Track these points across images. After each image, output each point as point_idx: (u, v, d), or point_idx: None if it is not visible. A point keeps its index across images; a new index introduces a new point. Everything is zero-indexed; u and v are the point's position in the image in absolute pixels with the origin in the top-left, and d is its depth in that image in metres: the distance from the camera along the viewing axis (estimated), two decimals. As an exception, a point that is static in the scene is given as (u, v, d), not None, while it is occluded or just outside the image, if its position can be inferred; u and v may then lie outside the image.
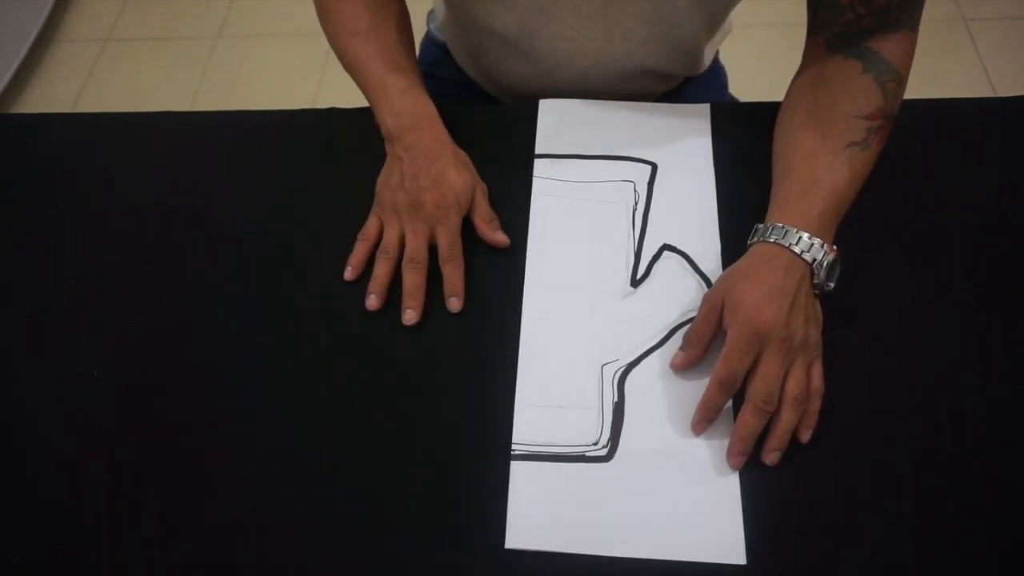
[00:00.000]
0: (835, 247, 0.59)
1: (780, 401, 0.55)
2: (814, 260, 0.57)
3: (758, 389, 0.55)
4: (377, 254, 0.65)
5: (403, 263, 0.64)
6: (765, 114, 0.70)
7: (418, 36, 0.95)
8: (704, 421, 0.57)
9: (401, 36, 0.74)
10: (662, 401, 0.58)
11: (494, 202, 0.69)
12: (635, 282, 0.64)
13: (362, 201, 0.70)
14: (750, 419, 0.54)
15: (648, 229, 0.67)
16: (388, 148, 0.70)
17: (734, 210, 0.67)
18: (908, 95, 0.66)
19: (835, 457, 0.56)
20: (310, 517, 0.55)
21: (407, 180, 0.66)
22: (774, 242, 0.58)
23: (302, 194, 0.71)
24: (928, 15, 0.65)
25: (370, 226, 0.67)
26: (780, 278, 0.56)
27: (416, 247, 0.64)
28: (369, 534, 0.54)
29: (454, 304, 0.63)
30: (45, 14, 1.94)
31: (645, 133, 0.72)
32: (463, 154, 0.69)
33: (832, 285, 0.59)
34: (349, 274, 0.65)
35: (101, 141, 0.78)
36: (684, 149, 0.71)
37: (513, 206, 0.69)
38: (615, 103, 0.75)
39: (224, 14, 2.02)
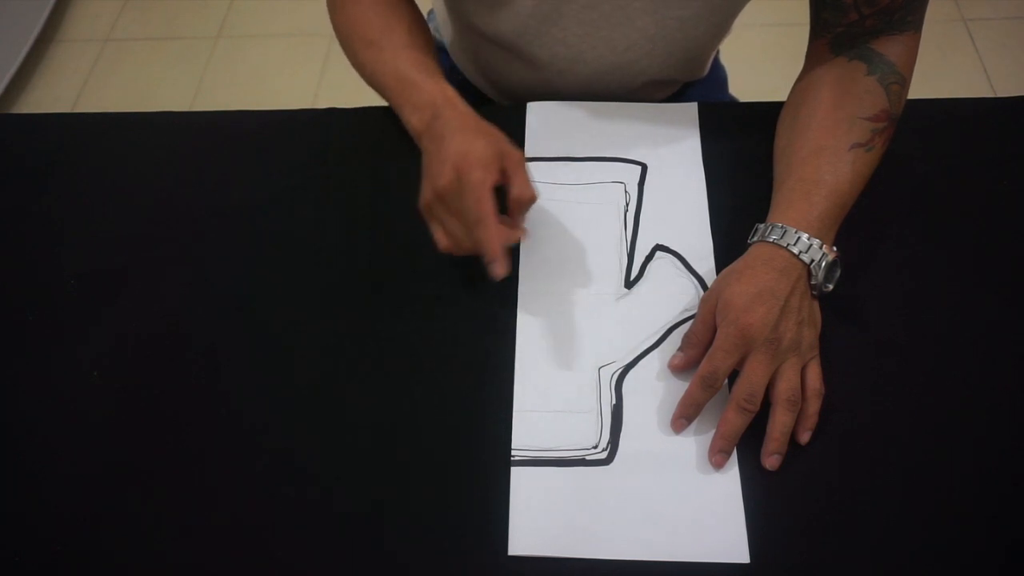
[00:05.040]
0: (835, 248, 0.59)
1: (773, 403, 0.55)
2: (812, 261, 0.57)
3: (741, 388, 0.55)
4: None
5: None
6: (752, 112, 0.70)
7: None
8: (683, 418, 0.57)
9: (414, 38, 0.72)
10: (661, 402, 0.58)
11: None
12: (629, 283, 0.64)
13: (361, 201, 0.70)
14: (732, 417, 0.55)
15: (640, 229, 0.67)
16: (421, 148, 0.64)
17: (725, 208, 0.67)
18: (908, 95, 0.66)
19: (836, 456, 0.56)
20: (311, 525, 0.55)
21: (432, 175, 0.59)
22: (773, 242, 0.58)
23: (302, 194, 0.71)
24: (928, 15, 0.65)
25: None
26: (774, 280, 0.56)
27: (454, 240, 0.59)
28: (369, 543, 0.54)
29: (495, 270, 0.55)
30: (45, 14, 1.94)
31: (633, 134, 0.72)
32: (488, 126, 0.61)
33: (831, 286, 0.59)
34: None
35: (101, 141, 0.77)
36: (673, 148, 0.71)
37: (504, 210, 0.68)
38: (603, 104, 0.74)
39: (224, 14, 2.02)
